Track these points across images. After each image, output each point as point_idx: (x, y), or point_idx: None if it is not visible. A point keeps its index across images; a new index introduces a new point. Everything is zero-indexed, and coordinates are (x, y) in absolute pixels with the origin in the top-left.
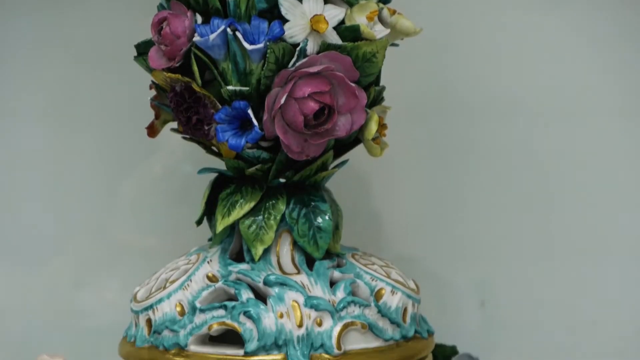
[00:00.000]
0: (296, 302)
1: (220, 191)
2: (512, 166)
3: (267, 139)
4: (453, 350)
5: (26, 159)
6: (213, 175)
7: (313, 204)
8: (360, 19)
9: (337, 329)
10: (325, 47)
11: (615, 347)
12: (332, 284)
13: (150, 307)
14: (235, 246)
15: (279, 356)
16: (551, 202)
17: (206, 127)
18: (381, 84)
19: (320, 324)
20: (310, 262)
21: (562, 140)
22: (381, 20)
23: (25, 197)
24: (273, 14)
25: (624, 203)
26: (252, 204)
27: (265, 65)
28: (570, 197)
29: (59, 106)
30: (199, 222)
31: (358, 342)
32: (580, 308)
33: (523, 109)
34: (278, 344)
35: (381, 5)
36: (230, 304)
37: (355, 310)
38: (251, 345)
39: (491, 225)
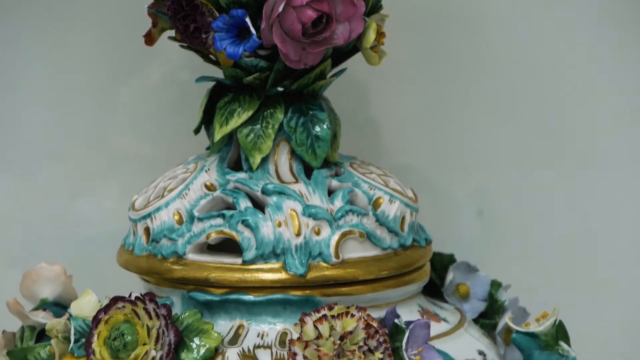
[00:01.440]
0: (294, 211)
1: (218, 100)
2: (511, 74)
3: (265, 47)
4: (451, 259)
5: (23, 67)
6: (211, 84)
7: (311, 112)
8: None
9: (335, 237)
10: None
11: (613, 255)
12: (330, 192)
13: (148, 215)
14: (233, 155)
15: (277, 265)
16: (552, 111)
17: (204, 36)
18: None
19: (318, 233)
20: (308, 171)
21: (563, 48)
22: None
23: (23, 105)
24: None
25: (625, 111)
26: (250, 113)
27: None
28: (571, 106)
29: (56, 16)
30: (196, 131)
31: (356, 250)
32: (578, 217)
33: (523, 17)
34: (276, 252)
35: None
36: (228, 212)
37: (353, 219)
38: (249, 254)
39: (490, 134)
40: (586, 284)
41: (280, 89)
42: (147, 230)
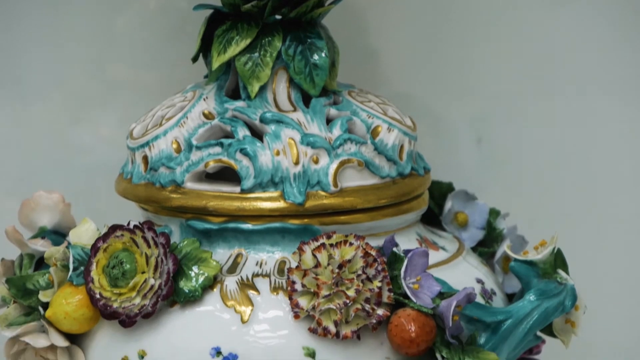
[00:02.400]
0: (292, 139)
1: (215, 28)
2: (511, 1)
3: None
4: (449, 187)
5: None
6: (209, 12)
7: (309, 40)
8: None
9: (334, 166)
10: None
11: (613, 183)
12: (329, 121)
13: (147, 144)
14: (231, 83)
15: (276, 193)
16: (552, 38)
17: None
18: None
19: (316, 162)
20: (306, 100)
21: None
22: None
23: (21, 34)
24: None
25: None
26: (248, 41)
27: None
28: (569, 37)
29: None
30: (194, 59)
31: (354, 179)
32: (577, 145)
33: None
34: (274, 181)
35: None
36: (226, 141)
37: (351, 147)
38: (247, 183)
39: (489, 61)
40: (585, 212)
41: (278, 17)
42: (145, 158)
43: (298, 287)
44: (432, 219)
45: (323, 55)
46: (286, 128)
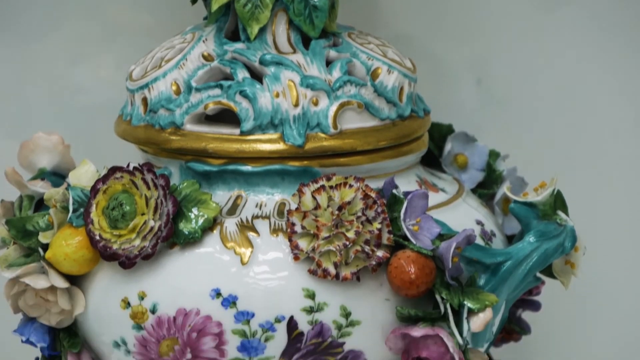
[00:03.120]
0: (292, 81)
1: None
2: None
3: None
4: (449, 129)
5: None
6: None
7: None
8: None
9: (333, 108)
10: None
11: (613, 125)
12: (328, 63)
13: (146, 85)
14: (230, 25)
15: (275, 135)
16: None
17: None
18: None
19: (316, 103)
20: (306, 42)
21: None
22: None
23: None
24: None
25: None
26: None
27: None
28: None
29: None
30: (194, 1)
31: (354, 121)
32: (578, 85)
33: None
34: (274, 123)
35: None
36: (226, 83)
37: (351, 89)
38: (247, 125)
39: (488, 1)
40: (585, 153)
41: None
42: (144, 100)
43: (298, 229)
44: (432, 160)
45: None
46: (286, 70)
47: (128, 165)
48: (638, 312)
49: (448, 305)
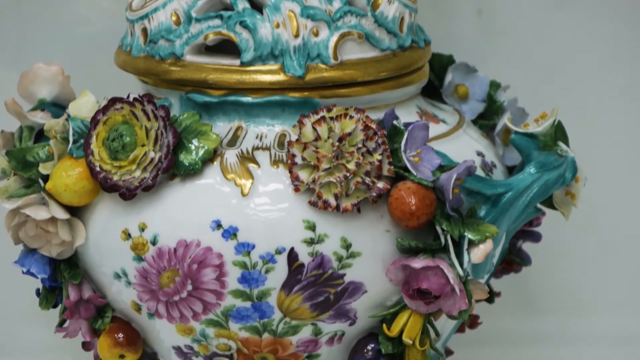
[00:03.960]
0: (292, 11)
1: None
2: None
3: None
4: (450, 60)
5: None
6: None
7: None
8: None
9: (334, 38)
10: None
11: (610, 55)
12: None
13: (146, 16)
14: None
15: (275, 66)
16: None
17: None
18: None
19: (316, 34)
20: None
21: None
22: None
23: None
24: None
25: None
26: None
27: None
28: None
29: None
30: None
31: (354, 52)
32: (578, 16)
33: None
34: (274, 54)
35: None
36: (226, 13)
37: (351, 20)
38: (247, 55)
39: None
40: (586, 83)
41: None
42: (144, 31)
43: (298, 160)
44: (433, 91)
45: None
46: (286, 0)
47: (128, 96)
48: (638, 242)
49: (448, 237)
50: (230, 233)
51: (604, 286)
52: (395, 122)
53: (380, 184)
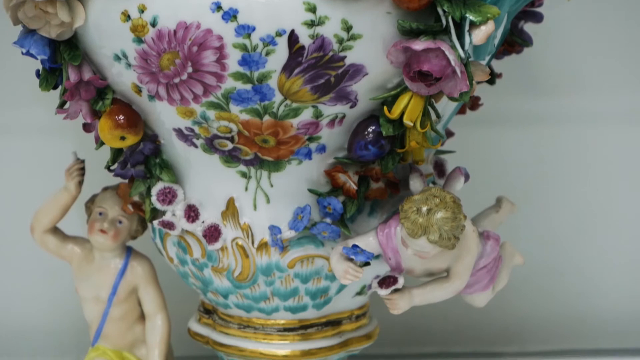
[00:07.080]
0: None
1: None
2: None
3: None
4: None
5: None
6: None
7: None
8: None
9: None
10: None
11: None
12: None
13: None
14: None
15: None
16: None
17: None
18: None
19: None
20: None
21: None
22: None
23: None
24: None
25: None
26: None
27: None
28: None
29: None
30: None
31: None
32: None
33: None
34: None
35: None
36: None
37: None
38: None
39: None
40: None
41: None
42: None
43: None
44: None
45: None
46: None
47: None
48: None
49: (450, 18)
50: (231, 15)
51: (605, 65)
52: None
53: None
